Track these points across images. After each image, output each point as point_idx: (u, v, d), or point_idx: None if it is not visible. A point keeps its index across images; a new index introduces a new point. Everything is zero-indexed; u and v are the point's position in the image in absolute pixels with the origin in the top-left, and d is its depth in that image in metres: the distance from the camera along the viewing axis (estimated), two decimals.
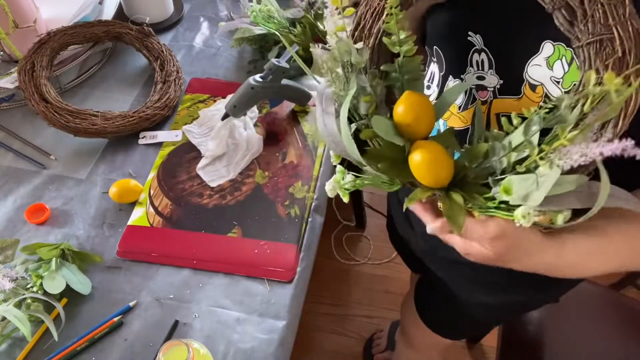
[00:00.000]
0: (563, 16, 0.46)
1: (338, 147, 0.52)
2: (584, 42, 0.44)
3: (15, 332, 0.74)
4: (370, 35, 0.53)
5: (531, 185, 0.43)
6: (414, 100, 0.50)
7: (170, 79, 1.04)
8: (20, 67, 0.97)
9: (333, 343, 1.59)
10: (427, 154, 0.49)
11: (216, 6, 1.27)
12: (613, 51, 0.43)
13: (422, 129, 0.51)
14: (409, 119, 0.50)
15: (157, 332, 0.74)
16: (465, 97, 0.64)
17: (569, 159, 0.42)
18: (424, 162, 0.49)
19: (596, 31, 0.43)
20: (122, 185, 0.88)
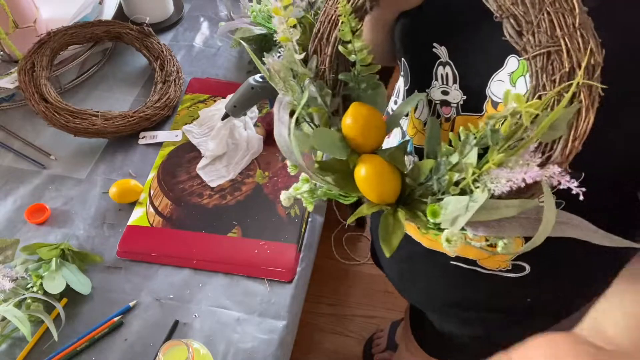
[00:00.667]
0: (511, 25, 0.42)
1: (291, 157, 0.50)
2: (530, 55, 0.41)
3: (15, 332, 0.74)
4: (328, 43, 0.52)
5: (462, 208, 0.41)
6: (361, 112, 0.49)
7: (170, 79, 1.04)
8: (20, 67, 0.97)
9: (333, 343, 1.59)
10: (371, 168, 0.47)
11: (216, 6, 1.27)
12: (561, 65, 0.39)
13: (369, 143, 0.50)
14: (356, 132, 0.49)
15: (157, 332, 0.74)
16: (429, 114, 0.62)
17: (498, 183, 0.39)
18: (368, 177, 0.48)
19: (542, 43, 0.40)
20: (122, 185, 0.88)
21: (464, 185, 0.43)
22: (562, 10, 0.39)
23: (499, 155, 0.39)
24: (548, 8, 0.39)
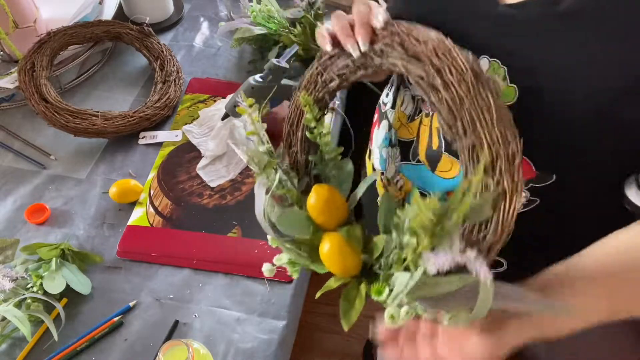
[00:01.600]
0: (443, 119, 0.46)
1: (269, 232, 0.55)
2: (460, 147, 0.45)
3: (15, 332, 0.74)
4: (298, 128, 0.58)
5: (403, 284, 0.44)
6: (322, 193, 0.53)
7: (170, 79, 1.04)
8: (20, 67, 0.97)
9: (333, 343, 1.59)
10: (332, 245, 0.51)
11: (216, 6, 1.27)
12: (484, 155, 0.44)
13: (331, 221, 0.53)
14: (318, 211, 0.53)
15: (157, 332, 0.74)
16: (413, 108, 0.62)
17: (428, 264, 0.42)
18: (330, 254, 0.51)
19: (467, 136, 0.44)
20: (122, 185, 0.88)
21: (408, 262, 0.46)
22: (480, 107, 0.44)
23: (426, 240, 0.42)
24: (468, 107, 0.44)
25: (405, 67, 0.48)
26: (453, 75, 0.45)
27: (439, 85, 0.46)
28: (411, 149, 0.63)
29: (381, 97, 0.72)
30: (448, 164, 0.60)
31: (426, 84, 0.47)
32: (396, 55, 0.49)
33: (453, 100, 0.45)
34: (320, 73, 0.56)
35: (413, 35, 0.49)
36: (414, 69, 0.47)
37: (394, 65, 0.49)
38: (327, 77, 0.56)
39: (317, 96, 0.57)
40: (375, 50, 0.51)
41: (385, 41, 0.50)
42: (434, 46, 0.47)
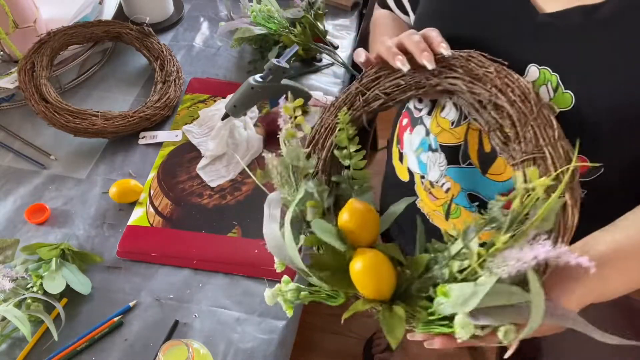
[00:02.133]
0: (498, 137, 0.50)
1: (281, 254, 0.51)
2: (518, 160, 0.48)
3: (15, 332, 0.74)
4: (323, 147, 0.57)
5: (467, 294, 0.43)
6: (358, 208, 0.51)
7: (170, 79, 1.04)
8: (20, 67, 0.97)
9: (333, 343, 1.59)
10: (368, 261, 0.48)
11: (216, 6, 1.27)
12: (546, 169, 0.46)
13: (365, 237, 0.51)
14: (353, 226, 0.50)
15: (157, 332, 0.74)
16: (457, 113, 0.63)
17: (505, 265, 0.41)
18: (365, 271, 0.48)
19: (529, 150, 0.47)
20: (122, 185, 0.88)
21: (468, 272, 0.45)
22: (543, 124, 0.47)
23: (505, 236, 0.42)
24: (532, 122, 0.47)
25: (467, 87, 0.51)
26: (516, 95, 0.49)
27: (503, 102, 0.49)
28: (460, 152, 0.64)
29: (411, 103, 0.74)
30: (502, 167, 0.61)
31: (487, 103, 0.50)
32: (457, 75, 0.52)
33: (518, 117, 0.48)
34: (361, 93, 0.57)
35: (473, 61, 0.52)
36: (477, 89, 0.51)
37: (454, 85, 0.52)
38: (370, 96, 0.56)
39: (353, 115, 0.57)
40: (432, 71, 0.52)
41: (443, 64, 0.53)
42: (495, 69, 0.51)
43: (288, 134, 0.55)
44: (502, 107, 0.49)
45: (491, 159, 0.62)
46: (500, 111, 0.49)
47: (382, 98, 0.56)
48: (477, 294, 0.41)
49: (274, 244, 0.52)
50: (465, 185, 0.66)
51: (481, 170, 0.64)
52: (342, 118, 0.54)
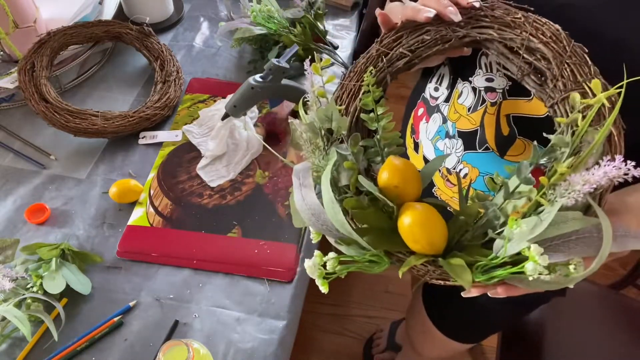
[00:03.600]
0: (533, 81, 0.50)
1: (319, 222, 0.49)
2: (557, 99, 0.48)
3: (15, 332, 0.74)
4: (347, 114, 0.55)
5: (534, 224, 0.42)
6: (399, 164, 0.49)
7: (170, 79, 1.04)
8: (20, 67, 0.97)
9: (333, 343, 1.59)
10: (419, 214, 0.46)
11: (216, 6, 1.27)
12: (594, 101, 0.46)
13: (409, 193, 0.49)
14: (396, 182, 0.48)
15: (157, 332, 0.74)
16: (474, 99, 0.65)
17: (572, 191, 0.42)
18: (416, 224, 0.46)
19: (568, 87, 0.47)
20: (122, 185, 0.88)
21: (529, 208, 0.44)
22: (578, 62, 0.48)
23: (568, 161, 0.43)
24: (567, 61, 0.48)
25: (498, 34, 0.51)
26: (548, 37, 0.49)
27: (538, 44, 0.49)
28: (477, 137, 0.65)
29: (427, 92, 0.74)
30: (520, 148, 0.63)
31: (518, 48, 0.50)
32: (485, 24, 0.51)
33: (553, 57, 0.48)
34: (383, 54, 0.55)
35: (499, 9, 0.52)
36: (508, 34, 0.50)
37: (483, 33, 0.51)
38: (394, 55, 0.54)
39: (377, 77, 0.55)
40: (458, 22, 0.52)
41: (469, 15, 0.52)
42: (522, 15, 0.51)
43: (319, 93, 0.53)
44: (536, 49, 0.49)
45: (509, 142, 0.63)
46: (534, 54, 0.50)
47: (407, 56, 0.54)
48: (543, 223, 0.41)
49: (309, 212, 0.49)
50: (484, 169, 0.67)
51: (499, 154, 0.65)
52: (367, 80, 0.52)
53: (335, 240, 0.49)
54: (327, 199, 0.47)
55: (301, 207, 0.50)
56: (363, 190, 0.50)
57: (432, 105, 0.72)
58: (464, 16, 0.52)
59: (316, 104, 0.53)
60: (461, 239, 0.49)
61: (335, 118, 0.52)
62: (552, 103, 0.49)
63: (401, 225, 0.47)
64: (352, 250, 0.48)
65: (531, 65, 0.50)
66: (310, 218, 0.49)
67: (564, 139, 0.44)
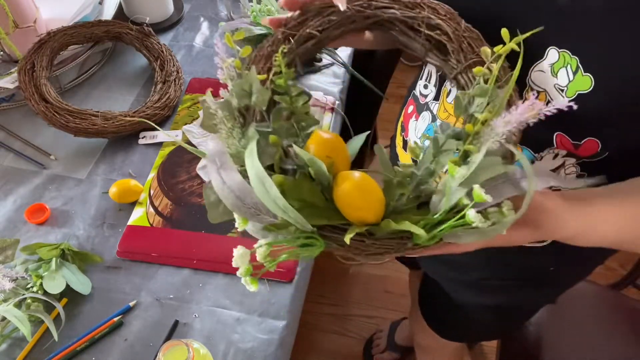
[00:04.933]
0: (436, 55, 0.55)
1: (245, 205, 0.45)
2: (460, 68, 0.52)
3: (15, 332, 0.74)
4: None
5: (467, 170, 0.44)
6: (327, 136, 0.48)
7: (170, 79, 1.04)
8: (20, 67, 0.97)
9: (333, 343, 1.59)
10: (358, 180, 0.45)
11: (216, 6, 1.27)
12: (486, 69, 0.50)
13: (340, 164, 0.48)
14: (327, 152, 0.47)
15: (157, 332, 0.74)
16: None
17: (495, 134, 0.44)
18: (355, 190, 0.45)
19: (468, 57, 0.52)
20: (122, 185, 0.88)
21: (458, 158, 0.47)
22: (471, 36, 0.53)
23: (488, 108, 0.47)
24: (464, 34, 0.53)
25: (402, 12, 0.54)
26: (444, 15, 0.54)
27: (438, 21, 0.53)
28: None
29: (417, 90, 0.74)
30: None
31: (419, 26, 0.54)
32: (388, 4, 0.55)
33: (453, 32, 0.53)
34: (290, 36, 0.54)
35: None
36: (411, 13, 0.54)
37: (387, 13, 0.54)
38: (302, 35, 0.54)
39: (288, 59, 0.53)
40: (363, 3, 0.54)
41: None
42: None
43: (236, 65, 0.49)
44: (436, 26, 0.53)
45: None
46: (434, 30, 0.54)
47: (315, 36, 0.54)
48: (475, 162, 0.43)
49: (235, 196, 0.45)
50: None
51: None
52: (279, 60, 0.49)
53: (261, 228, 0.47)
54: (255, 176, 0.43)
55: (223, 193, 0.46)
56: (287, 171, 0.48)
57: (422, 103, 0.72)
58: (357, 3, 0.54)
59: (232, 79, 0.50)
60: (397, 204, 0.49)
61: (256, 90, 0.48)
62: (455, 73, 0.53)
63: (340, 193, 0.45)
64: (281, 236, 0.46)
65: (431, 41, 0.54)
66: (236, 202, 0.45)
67: (483, 87, 0.48)
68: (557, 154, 0.59)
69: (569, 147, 0.57)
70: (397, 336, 1.54)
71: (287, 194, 0.44)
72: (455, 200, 0.44)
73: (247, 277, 0.48)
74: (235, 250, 0.47)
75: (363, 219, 0.46)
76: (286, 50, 0.52)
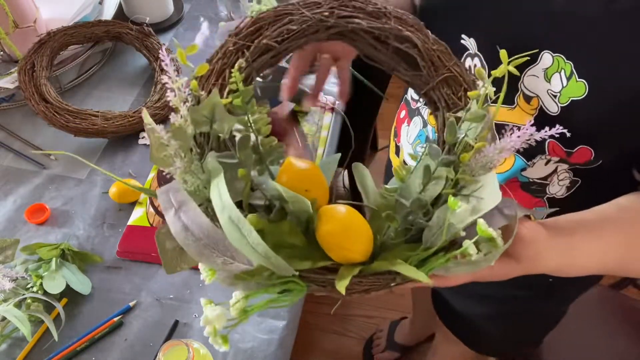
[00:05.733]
0: (404, 69, 0.50)
1: (214, 253, 0.39)
2: (433, 84, 0.49)
3: (15, 332, 0.74)
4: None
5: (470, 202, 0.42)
6: (302, 165, 0.43)
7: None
8: (20, 67, 0.97)
9: (333, 343, 1.59)
10: (344, 217, 0.41)
11: (216, 6, 1.27)
12: (458, 84, 0.49)
13: (320, 196, 0.43)
14: (306, 185, 0.42)
15: (157, 332, 0.74)
16: None
17: (489, 162, 0.43)
18: (343, 228, 0.40)
19: (439, 72, 0.49)
20: (122, 185, 0.88)
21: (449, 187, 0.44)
22: (439, 49, 0.49)
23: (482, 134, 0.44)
24: (433, 47, 0.49)
25: (368, 23, 0.48)
26: (411, 25, 0.49)
27: (407, 32, 0.49)
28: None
29: (408, 94, 0.72)
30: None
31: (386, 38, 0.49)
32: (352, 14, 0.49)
33: (422, 45, 0.49)
34: (245, 47, 0.47)
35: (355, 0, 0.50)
36: (377, 23, 0.49)
37: (352, 23, 0.48)
38: (258, 47, 0.47)
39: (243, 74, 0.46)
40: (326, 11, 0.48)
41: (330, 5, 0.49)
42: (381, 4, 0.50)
43: (193, 87, 0.42)
44: (406, 38, 0.48)
45: None
46: (403, 42, 0.49)
47: (273, 48, 0.47)
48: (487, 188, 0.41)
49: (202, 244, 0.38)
50: None
51: None
52: (235, 76, 0.42)
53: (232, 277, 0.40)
54: (227, 219, 0.36)
55: (186, 240, 0.38)
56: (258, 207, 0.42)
57: (413, 107, 0.70)
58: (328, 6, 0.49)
59: (185, 102, 0.42)
60: (385, 238, 0.46)
61: (219, 116, 0.42)
62: (427, 89, 0.49)
63: (325, 233, 0.41)
64: (255, 285, 0.40)
65: (399, 54, 0.49)
66: (202, 251, 0.38)
67: (479, 112, 0.44)
68: (549, 161, 0.58)
69: (562, 154, 0.56)
70: (396, 335, 1.54)
71: (265, 237, 0.38)
72: (451, 235, 0.41)
73: (217, 337, 0.41)
74: (207, 310, 0.40)
75: (349, 259, 0.42)
76: (243, 64, 0.45)
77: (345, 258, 0.42)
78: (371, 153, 1.83)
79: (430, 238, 0.43)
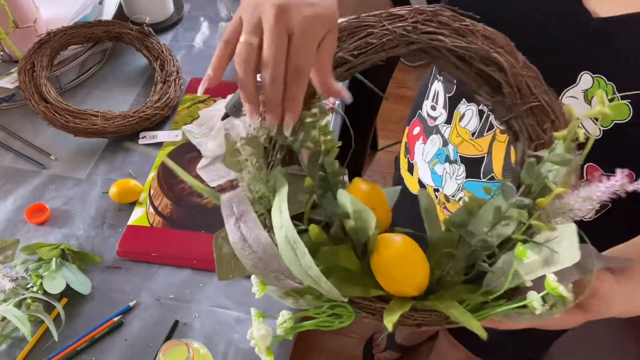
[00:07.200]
0: (486, 92, 0.46)
1: (268, 267, 0.38)
2: (516, 112, 0.45)
3: (15, 332, 0.74)
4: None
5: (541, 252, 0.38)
6: (367, 188, 0.43)
7: (170, 79, 1.04)
8: (20, 67, 0.97)
9: (333, 343, 1.59)
10: (400, 248, 0.39)
11: (216, 6, 1.27)
12: (545, 116, 0.44)
13: (382, 222, 0.42)
14: (370, 206, 0.40)
15: (157, 332, 0.74)
16: (479, 123, 0.59)
17: (567, 210, 0.38)
18: (398, 259, 0.39)
19: (526, 101, 0.44)
20: (122, 185, 0.88)
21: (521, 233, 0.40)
22: (529, 75, 0.44)
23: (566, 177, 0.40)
24: (522, 72, 0.44)
25: (452, 41, 0.45)
26: (500, 46, 0.45)
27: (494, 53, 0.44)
28: (482, 166, 0.60)
29: (424, 111, 0.69)
30: None
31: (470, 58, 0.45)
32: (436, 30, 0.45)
33: (509, 67, 0.44)
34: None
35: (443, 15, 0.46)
36: (462, 42, 0.45)
37: (435, 40, 0.45)
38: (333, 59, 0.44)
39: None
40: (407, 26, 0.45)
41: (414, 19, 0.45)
42: (471, 23, 0.46)
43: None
44: (492, 60, 0.44)
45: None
46: (488, 64, 0.45)
47: (348, 61, 0.45)
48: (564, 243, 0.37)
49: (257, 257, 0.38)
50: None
51: None
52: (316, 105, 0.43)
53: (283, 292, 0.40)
54: (284, 239, 0.36)
55: (243, 251, 0.38)
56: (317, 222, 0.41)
57: (431, 125, 0.67)
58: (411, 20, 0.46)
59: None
60: (443, 274, 0.43)
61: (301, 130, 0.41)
62: (509, 117, 0.45)
63: (381, 260, 0.39)
64: (304, 302, 0.39)
65: (483, 76, 0.45)
66: (256, 264, 0.38)
67: (565, 156, 0.40)
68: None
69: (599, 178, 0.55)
70: (397, 335, 1.54)
71: (319, 257, 0.38)
72: (515, 284, 0.38)
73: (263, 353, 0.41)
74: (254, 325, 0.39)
75: (402, 292, 0.40)
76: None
77: (398, 291, 0.40)
78: (371, 153, 1.83)
79: (492, 282, 0.40)
